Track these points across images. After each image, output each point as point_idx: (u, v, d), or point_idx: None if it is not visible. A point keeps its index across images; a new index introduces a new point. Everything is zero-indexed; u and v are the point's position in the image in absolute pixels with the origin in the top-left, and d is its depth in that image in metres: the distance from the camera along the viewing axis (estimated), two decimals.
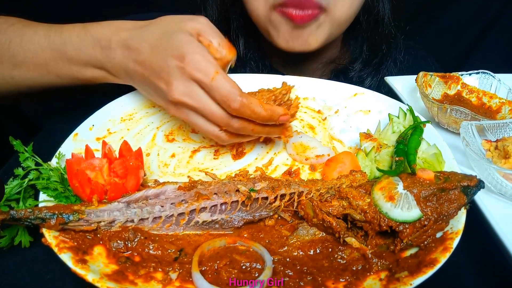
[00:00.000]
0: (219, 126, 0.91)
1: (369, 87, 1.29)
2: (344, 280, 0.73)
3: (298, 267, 0.76)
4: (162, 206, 0.82)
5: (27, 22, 1.09)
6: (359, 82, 1.39)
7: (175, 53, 0.87)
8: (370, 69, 1.41)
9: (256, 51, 1.42)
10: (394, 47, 1.42)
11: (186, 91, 0.88)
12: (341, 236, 0.79)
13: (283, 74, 1.27)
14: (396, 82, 1.35)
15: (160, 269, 0.74)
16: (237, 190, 0.84)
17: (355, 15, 1.26)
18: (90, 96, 1.21)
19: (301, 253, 0.80)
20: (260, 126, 0.92)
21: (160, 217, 0.81)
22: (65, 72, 1.05)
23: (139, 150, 0.92)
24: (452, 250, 0.74)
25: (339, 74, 1.45)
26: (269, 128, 0.94)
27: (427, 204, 0.79)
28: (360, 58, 1.42)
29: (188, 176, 0.98)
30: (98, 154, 0.91)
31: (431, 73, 1.29)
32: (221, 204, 0.83)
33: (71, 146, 0.97)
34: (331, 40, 1.28)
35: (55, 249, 0.72)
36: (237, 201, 0.83)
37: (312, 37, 1.21)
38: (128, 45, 0.95)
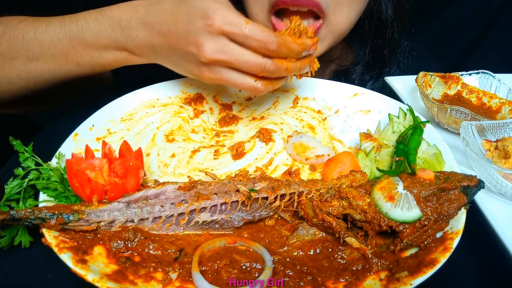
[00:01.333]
0: (254, 76, 0.93)
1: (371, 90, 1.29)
2: (344, 280, 0.73)
3: (298, 267, 0.76)
4: (162, 206, 0.82)
5: (37, 17, 1.09)
6: (361, 85, 1.39)
7: (198, 14, 0.88)
8: (372, 72, 1.41)
9: None
10: (398, 50, 1.41)
11: (218, 48, 0.89)
12: (341, 236, 0.79)
13: None
14: (396, 82, 1.35)
15: (160, 269, 0.74)
16: (237, 190, 0.84)
17: (355, 21, 1.25)
18: (90, 96, 1.21)
19: (301, 253, 0.80)
20: (293, 63, 0.95)
21: (160, 217, 0.81)
22: (84, 59, 1.05)
23: (139, 150, 0.92)
24: (452, 250, 0.74)
25: (341, 75, 1.45)
26: (299, 63, 0.96)
27: (427, 204, 0.79)
28: (363, 61, 1.42)
29: (188, 176, 0.98)
30: (98, 154, 0.91)
31: (431, 73, 1.29)
32: (221, 204, 0.83)
33: (71, 146, 0.97)
34: (333, 46, 1.28)
35: (55, 249, 0.72)
36: (237, 201, 0.83)
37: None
38: (149, 20, 0.95)
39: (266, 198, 0.84)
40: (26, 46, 1.04)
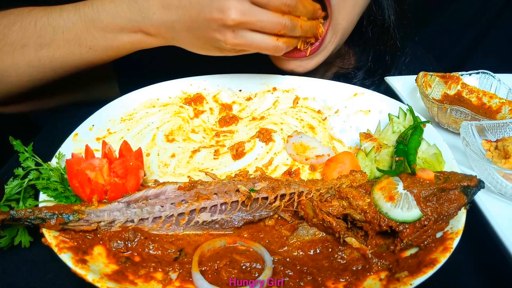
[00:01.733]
0: (275, 35, 1.00)
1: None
2: (344, 280, 0.73)
3: (298, 267, 0.76)
4: (162, 206, 0.82)
5: (48, 6, 1.10)
6: None
7: None
8: (374, 78, 1.41)
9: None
10: (400, 56, 1.41)
11: (243, 10, 0.93)
12: (341, 236, 0.79)
13: (284, 73, 1.27)
14: (396, 82, 1.35)
15: (160, 269, 0.74)
16: (237, 190, 0.84)
17: (356, 21, 1.25)
18: (90, 96, 1.21)
19: (301, 253, 0.80)
20: (305, 22, 1.04)
21: (160, 217, 0.81)
22: (99, 42, 1.06)
23: (139, 150, 0.92)
24: (452, 250, 0.74)
25: (341, 79, 1.44)
26: (310, 23, 1.06)
27: (427, 204, 0.79)
28: (365, 67, 1.42)
29: (188, 176, 0.98)
30: (98, 154, 0.91)
31: (431, 73, 1.29)
32: (221, 204, 0.83)
33: (71, 146, 0.97)
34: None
35: (55, 249, 0.72)
36: (237, 201, 0.83)
37: (314, 62, 1.19)
38: None
39: (266, 198, 0.84)
40: (39, 32, 1.05)
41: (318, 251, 0.80)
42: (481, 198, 0.88)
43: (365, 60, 1.43)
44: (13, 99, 1.19)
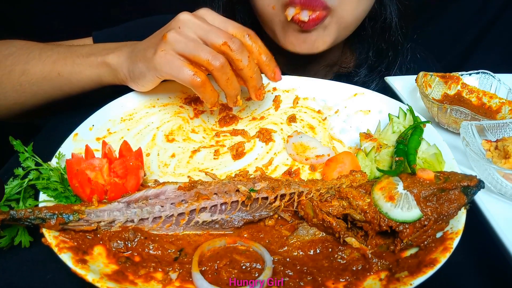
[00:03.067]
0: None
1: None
2: (344, 280, 0.73)
3: (298, 267, 0.76)
4: (162, 206, 0.82)
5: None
6: (363, 87, 1.39)
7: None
8: (375, 75, 1.41)
9: None
10: (401, 52, 1.41)
11: (177, 32, 0.97)
12: (341, 236, 0.79)
13: (284, 73, 1.27)
14: (396, 82, 1.35)
15: (160, 269, 0.74)
16: (237, 190, 0.84)
17: (362, 17, 1.25)
18: (89, 96, 1.21)
19: (301, 253, 0.80)
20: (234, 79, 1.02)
21: (160, 217, 0.81)
22: (66, 67, 1.12)
23: (139, 150, 0.92)
24: (452, 250, 0.74)
25: (342, 78, 1.44)
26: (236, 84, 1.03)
27: (427, 204, 0.79)
28: (365, 64, 1.42)
29: (188, 176, 0.98)
30: (98, 154, 0.91)
31: (431, 73, 1.29)
32: (221, 204, 0.83)
33: (71, 146, 0.97)
34: (338, 42, 1.28)
35: (55, 249, 0.72)
36: (237, 201, 0.83)
37: (320, 40, 1.20)
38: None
39: (266, 198, 0.84)
40: (25, 59, 1.14)
41: (318, 251, 0.80)
42: (481, 198, 0.88)
43: (365, 58, 1.43)
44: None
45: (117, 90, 1.13)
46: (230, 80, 0.97)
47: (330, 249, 0.80)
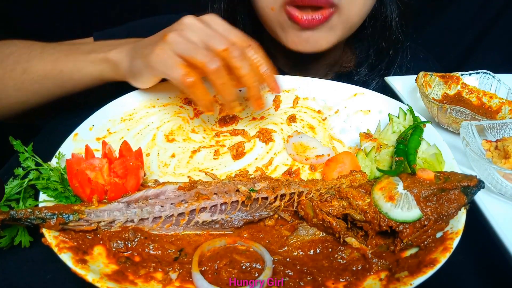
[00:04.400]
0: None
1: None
2: (344, 280, 0.73)
3: (298, 267, 0.76)
4: (162, 206, 0.82)
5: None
6: (363, 87, 1.39)
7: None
8: (375, 74, 1.41)
9: None
10: (401, 52, 1.41)
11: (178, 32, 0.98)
12: (341, 236, 0.79)
13: (285, 73, 1.27)
14: (396, 82, 1.35)
15: (160, 269, 0.74)
16: (237, 190, 0.84)
17: (366, 15, 1.26)
18: (89, 96, 1.21)
19: (301, 253, 0.80)
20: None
21: (160, 217, 0.81)
22: (68, 63, 1.13)
23: (139, 150, 0.92)
24: (452, 250, 0.74)
25: (343, 77, 1.44)
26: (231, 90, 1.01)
27: (427, 204, 0.79)
28: (366, 62, 1.42)
29: (188, 176, 0.98)
30: (98, 154, 0.91)
31: (431, 73, 1.29)
32: (221, 204, 0.83)
33: (71, 146, 0.97)
34: (341, 41, 1.28)
35: (55, 249, 0.72)
36: (237, 201, 0.83)
37: (324, 40, 1.20)
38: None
39: (266, 198, 0.84)
40: (26, 58, 1.14)
41: (318, 251, 0.80)
42: (481, 198, 0.88)
43: (365, 57, 1.43)
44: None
45: (118, 89, 1.13)
46: (225, 85, 0.95)
47: (330, 249, 0.80)
